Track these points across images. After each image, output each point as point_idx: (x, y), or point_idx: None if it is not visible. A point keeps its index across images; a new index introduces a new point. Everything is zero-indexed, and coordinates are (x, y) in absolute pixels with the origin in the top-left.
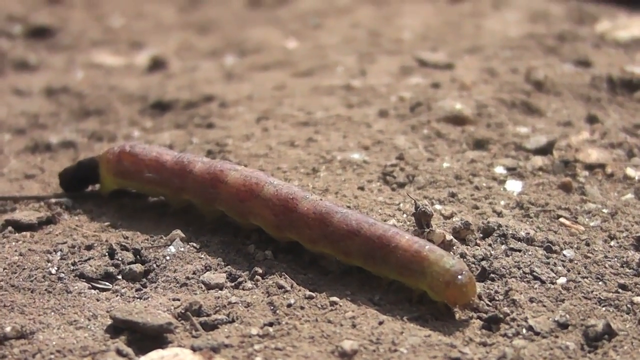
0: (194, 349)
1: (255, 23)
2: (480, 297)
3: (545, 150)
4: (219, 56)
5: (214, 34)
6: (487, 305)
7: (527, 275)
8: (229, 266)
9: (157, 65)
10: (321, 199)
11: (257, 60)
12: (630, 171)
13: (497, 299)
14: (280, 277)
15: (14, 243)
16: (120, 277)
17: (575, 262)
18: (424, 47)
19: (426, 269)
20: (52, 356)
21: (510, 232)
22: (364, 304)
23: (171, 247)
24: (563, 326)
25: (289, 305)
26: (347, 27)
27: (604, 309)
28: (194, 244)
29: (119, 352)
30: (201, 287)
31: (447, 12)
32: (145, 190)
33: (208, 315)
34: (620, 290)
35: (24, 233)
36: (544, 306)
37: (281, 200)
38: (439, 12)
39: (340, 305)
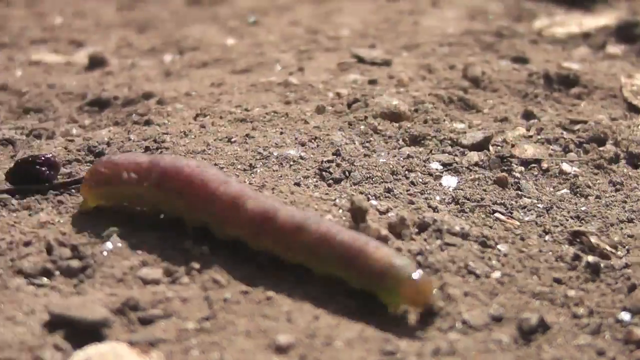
0: (131, 343)
1: (194, 21)
2: None
3: (481, 145)
4: (158, 54)
5: (154, 32)
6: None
7: (462, 269)
8: (165, 262)
9: (96, 63)
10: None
11: (196, 57)
12: (565, 166)
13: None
14: (216, 272)
15: None
16: (58, 273)
17: (510, 256)
18: (362, 44)
19: (373, 267)
20: None
21: (446, 227)
22: (300, 298)
23: (108, 243)
24: (497, 319)
25: (225, 300)
26: (286, 24)
27: (538, 302)
28: (131, 240)
29: (57, 347)
30: (138, 283)
31: (386, 9)
32: (125, 195)
33: (145, 310)
34: (554, 284)
35: None
36: (479, 300)
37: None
38: (377, 10)
39: (276, 300)
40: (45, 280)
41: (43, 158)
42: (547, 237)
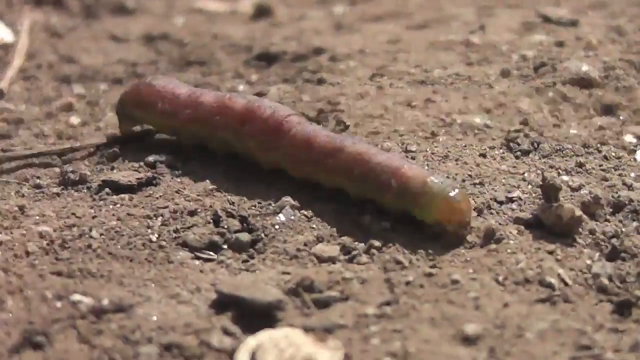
0: (305, 329)
1: None
2: (610, 279)
3: None
4: (328, 4)
5: None
6: (618, 287)
7: None
8: (342, 237)
9: (262, 12)
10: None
11: (369, 9)
12: None
13: (629, 280)
14: (398, 251)
15: (111, 206)
16: (225, 246)
17: None
18: (546, 1)
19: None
20: (153, 333)
21: None
22: (487, 283)
23: (281, 214)
24: None
25: (407, 283)
26: None
27: None
28: (305, 213)
29: (225, 331)
30: (313, 260)
31: None
32: (158, 124)
33: (320, 292)
34: None
35: (123, 195)
36: None
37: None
38: None
39: (462, 284)
40: (212, 254)
41: None
42: None
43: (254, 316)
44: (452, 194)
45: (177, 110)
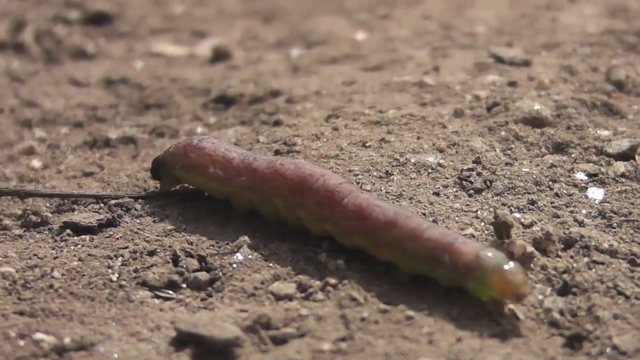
0: None
1: (321, 11)
2: (562, 313)
3: (627, 155)
4: (285, 47)
5: (279, 23)
6: (569, 321)
7: (610, 289)
8: (299, 276)
9: (220, 55)
10: (362, 192)
11: (325, 52)
12: None
13: (580, 315)
14: (353, 288)
15: (72, 247)
16: (184, 285)
17: None
18: (499, 41)
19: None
20: None
21: (593, 243)
22: (440, 318)
23: (238, 254)
24: None
25: (363, 319)
26: (417, 18)
27: None
28: (262, 252)
29: None
30: (270, 298)
31: (521, 3)
32: (209, 188)
33: (277, 329)
34: None
35: (83, 236)
36: (629, 323)
37: (327, 192)
38: (512, 4)
39: (417, 320)
40: (171, 293)
41: None
42: None
43: (213, 353)
44: (506, 267)
45: (231, 176)
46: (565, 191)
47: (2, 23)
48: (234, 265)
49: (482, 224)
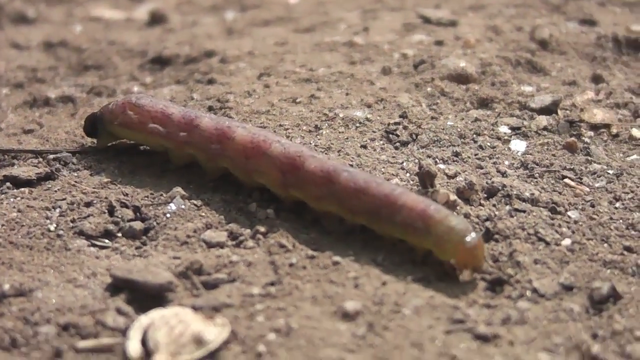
0: (194, 308)
1: None
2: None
3: (549, 109)
4: (220, 11)
5: None
6: (491, 266)
7: (531, 236)
8: (230, 224)
9: (156, 19)
10: (328, 158)
11: (258, 15)
12: (635, 132)
13: (501, 260)
14: (282, 236)
15: (12, 199)
16: (120, 234)
17: (580, 223)
18: (427, 3)
19: (432, 228)
20: (51, 314)
21: (515, 192)
22: (366, 264)
23: (171, 204)
24: (568, 288)
25: (291, 265)
26: None
27: (609, 271)
28: (195, 202)
29: (119, 311)
30: (202, 246)
31: None
32: (148, 142)
33: (209, 274)
34: (625, 252)
35: (22, 189)
36: (549, 268)
37: (288, 158)
38: None
39: (343, 265)
40: (107, 242)
41: None
42: (617, 204)
43: (146, 297)
44: (468, 239)
45: (172, 131)
46: (489, 144)
47: None
48: (168, 215)
49: (408, 174)
